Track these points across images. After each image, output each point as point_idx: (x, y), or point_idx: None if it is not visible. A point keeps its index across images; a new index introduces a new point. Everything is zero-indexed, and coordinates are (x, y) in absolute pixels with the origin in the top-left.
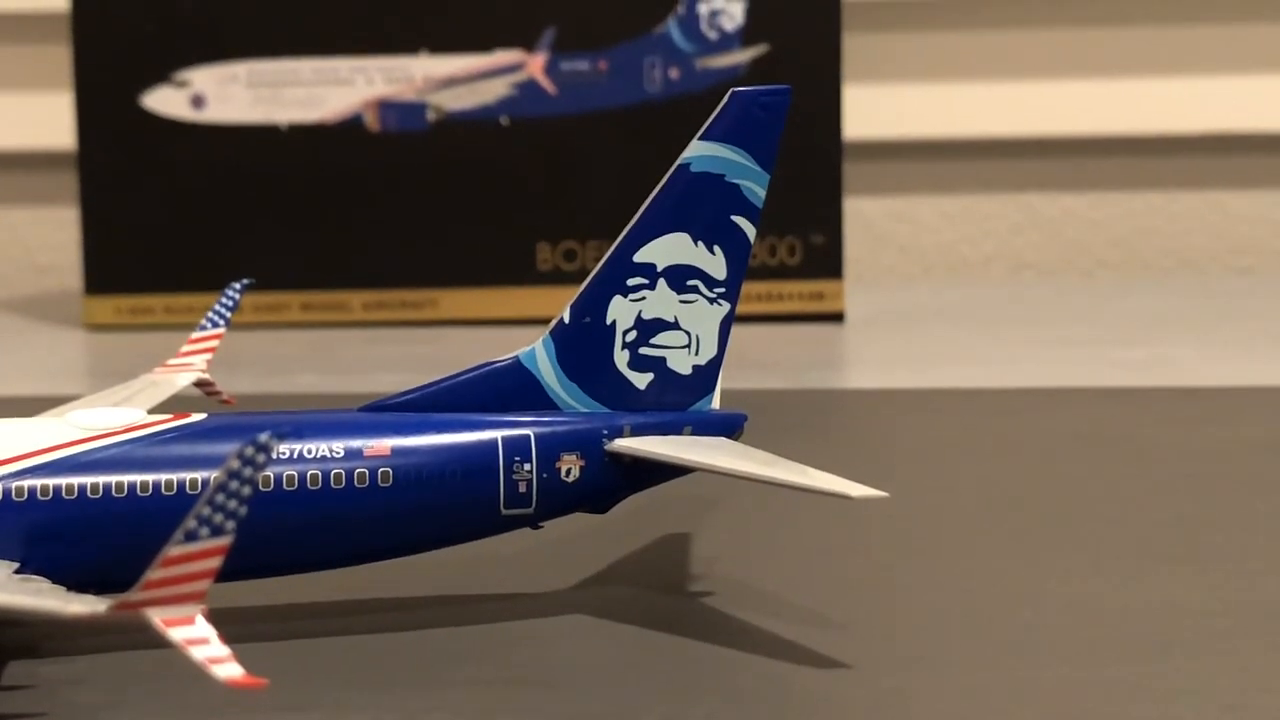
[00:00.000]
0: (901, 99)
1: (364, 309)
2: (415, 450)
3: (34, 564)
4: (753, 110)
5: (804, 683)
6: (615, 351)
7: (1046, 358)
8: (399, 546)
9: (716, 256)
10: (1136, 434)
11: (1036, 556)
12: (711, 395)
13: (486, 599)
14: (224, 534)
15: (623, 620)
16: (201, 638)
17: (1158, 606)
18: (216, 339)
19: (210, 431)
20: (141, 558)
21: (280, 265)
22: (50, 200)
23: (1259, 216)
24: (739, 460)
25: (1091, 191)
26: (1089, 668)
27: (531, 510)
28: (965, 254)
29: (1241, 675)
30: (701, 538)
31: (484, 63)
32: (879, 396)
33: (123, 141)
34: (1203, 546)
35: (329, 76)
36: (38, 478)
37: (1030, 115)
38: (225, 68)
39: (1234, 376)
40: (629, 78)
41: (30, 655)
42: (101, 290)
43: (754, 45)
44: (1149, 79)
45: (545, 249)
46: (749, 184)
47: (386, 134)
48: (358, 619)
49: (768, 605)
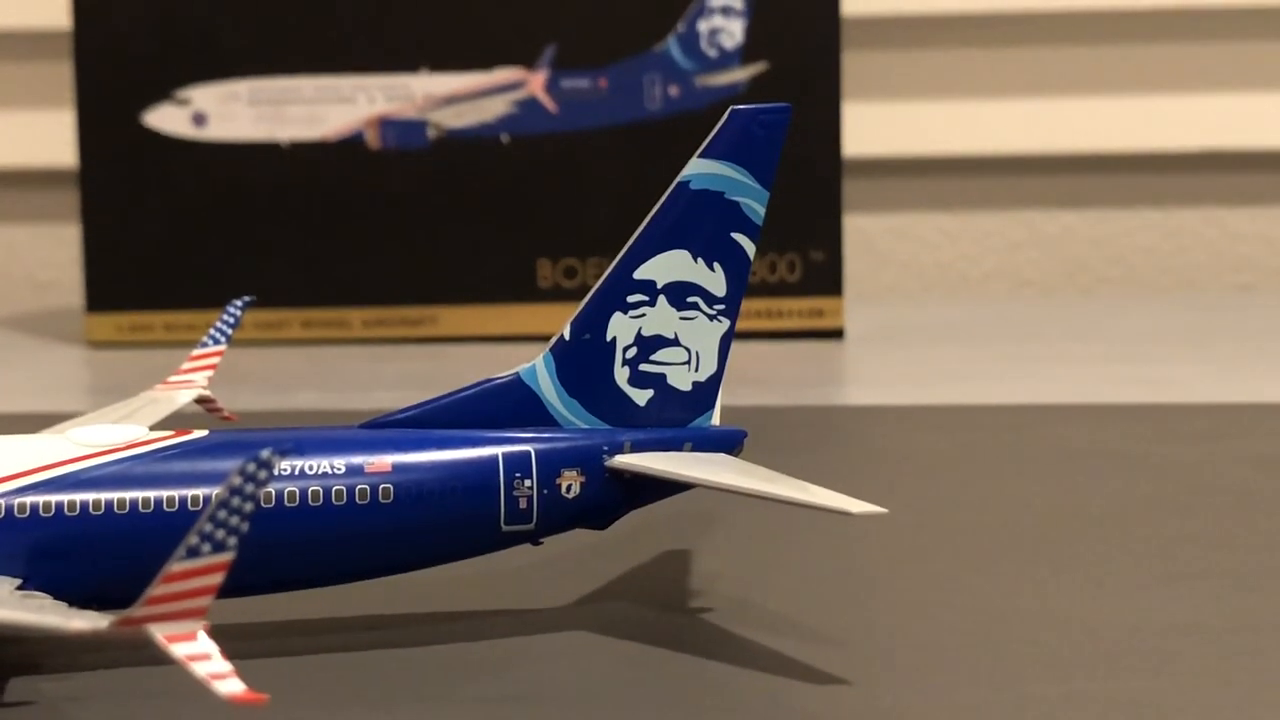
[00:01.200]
0: (901, 116)
1: (364, 326)
2: (416, 467)
3: (36, 580)
4: (752, 128)
5: (803, 700)
6: (615, 368)
7: (1046, 375)
8: (400, 563)
9: (716, 273)
10: (1136, 451)
11: (1036, 573)
12: (711, 411)
13: (486, 615)
14: (226, 550)
15: (623, 637)
16: (203, 654)
17: (1158, 623)
18: (218, 356)
19: (211, 448)
20: (143, 574)
21: (281, 282)
22: (51, 217)
23: (1259, 234)
24: (739, 476)
25: (1092, 209)
26: (1089, 684)
27: (532, 526)
28: (965, 271)
29: (1244, 691)
30: (701, 554)
31: (485, 81)
32: (879, 413)
33: (124, 159)
34: (1203, 563)
35: (330, 94)
36: (39, 494)
37: (1031, 132)
38: (226, 86)
39: (1234, 393)
40: (629, 95)
41: (32, 671)
42: (103, 307)
43: (754, 63)
44: (1149, 96)
45: (546, 266)
46: (749, 201)
47: (387, 152)
48: (358, 635)
49: (767, 622)
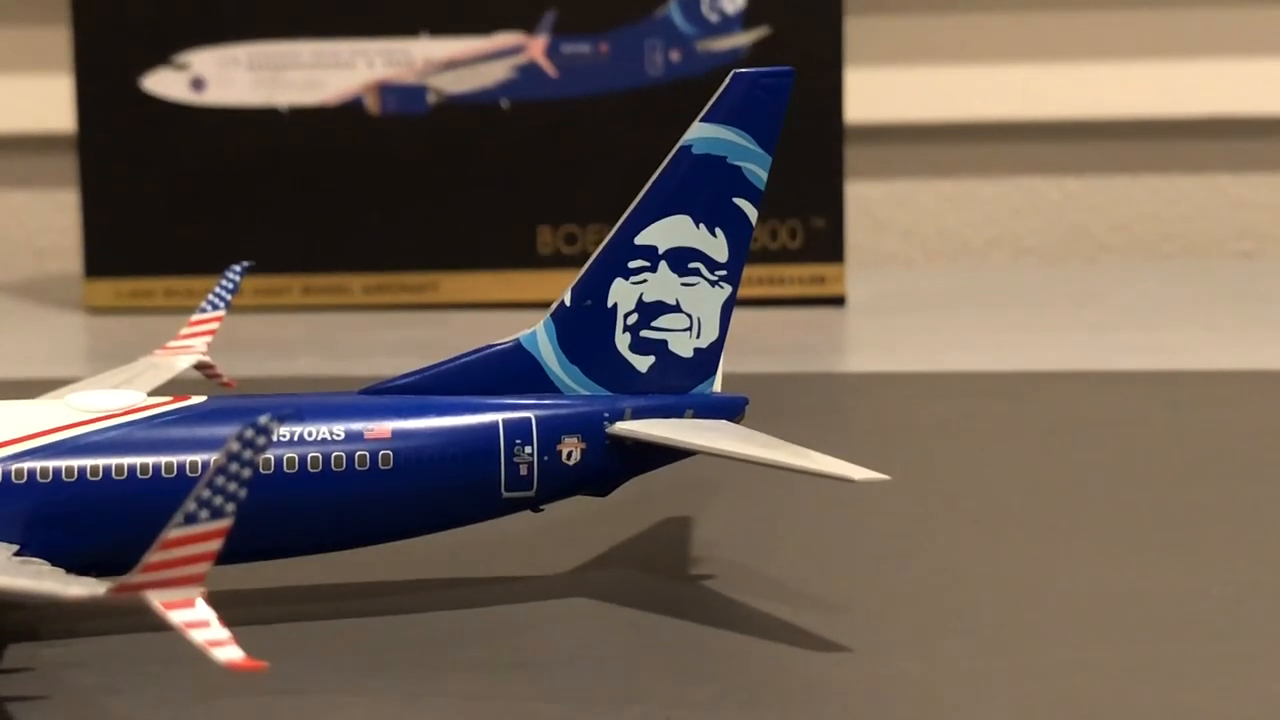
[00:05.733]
0: (903, 82)
1: (364, 292)
2: (416, 433)
3: (34, 546)
4: (755, 92)
5: (805, 666)
6: (616, 334)
7: (1047, 342)
8: (399, 529)
9: (718, 239)
10: (1138, 418)
11: (1037, 540)
12: (713, 378)
13: (487, 582)
14: (224, 516)
15: (624, 603)
16: (201, 620)
17: (1160, 590)
18: (217, 322)
19: (210, 414)
20: (141, 540)
21: (280, 248)
22: (50, 183)
23: (1261, 201)
24: (741, 443)
25: (1093, 176)
26: (1090, 651)
27: (532, 493)
28: (967, 238)
29: (1244, 660)
30: (703, 521)
31: (484, 45)
32: (880, 380)
33: (123, 124)
34: (1205, 531)
35: (329, 59)
36: (37, 460)
37: (1032, 99)
38: (225, 50)
39: (1236, 361)
40: (630, 60)
41: (30, 638)
42: (101, 273)
43: (755, 28)
44: (1151, 62)
45: (546, 232)
46: (751, 166)
47: (387, 117)
48: (358, 602)
49: (769, 588)
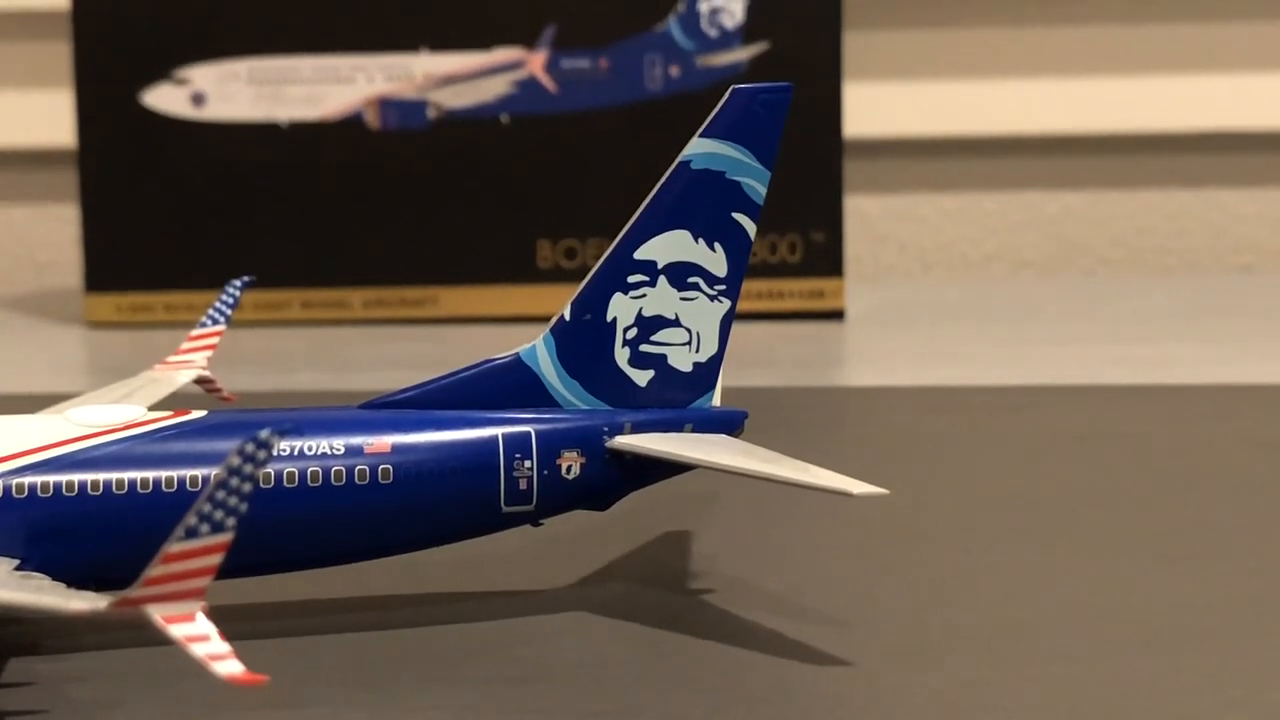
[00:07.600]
0: (902, 97)
1: (364, 306)
2: (416, 447)
3: (34, 561)
4: (753, 107)
5: (805, 679)
6: (616, 349)
7: (1046, 356)
8: (399, 544)
9: (717, 253)
10: (1137, 432)
11: (1036, 553)
12: (712, 392)
13: (487, 596)
14: (225, 531)
15: (623, 617)
16: (202, 635)
17: (1160, 604)
18: (217, 336)
19: (210, 428)
20: (142, 555)
21: (281, 263)
22: (50, 198)
23: (1259, 215)
24: (740, 457)
25: (1092, 190)
26: (1089, 663)
27: (532, 507)
28: (965, 252)
29: (1242, 671)
30: (702, 535)
31: (484, 60)
32: (879, 394)
33: (123, 139)
34: (1203, 543)
35: (329, 74)
36: (38, 475)
37: (1031, 113)
38: (226, 65)
39: (1234, 375)
40: (629, 75)
41: (30, 652)
42: (102, 287)
43: (754, 43)
44: (1149, 77)
45: (546, 247)
46: (750, 181)
47: (387, 132)
48: (358, 616)
49: (768, 602)
